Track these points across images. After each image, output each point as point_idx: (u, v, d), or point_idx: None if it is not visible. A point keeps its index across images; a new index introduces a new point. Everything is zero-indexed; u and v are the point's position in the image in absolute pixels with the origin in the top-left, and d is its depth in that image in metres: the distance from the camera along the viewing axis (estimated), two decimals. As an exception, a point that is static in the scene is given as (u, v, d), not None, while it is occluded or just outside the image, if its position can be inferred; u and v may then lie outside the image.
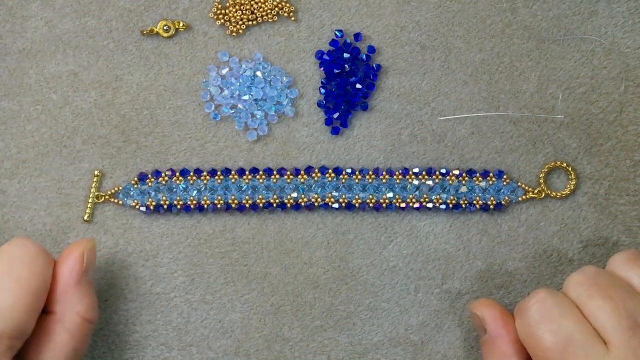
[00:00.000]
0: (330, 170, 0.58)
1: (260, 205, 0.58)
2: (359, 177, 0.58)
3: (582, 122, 0.59)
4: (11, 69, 0.58)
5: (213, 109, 0.58)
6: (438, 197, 0.58)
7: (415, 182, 0.58)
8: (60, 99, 0.58)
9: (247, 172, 0.58)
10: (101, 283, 0.58)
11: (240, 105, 0.58)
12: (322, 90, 0.59)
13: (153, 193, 0.57)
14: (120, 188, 0.57)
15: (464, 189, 0.58)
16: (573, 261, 0.59)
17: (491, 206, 0.58)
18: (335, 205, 0.58)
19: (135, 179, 0.57)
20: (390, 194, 0.58)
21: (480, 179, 0.58)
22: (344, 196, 0.58)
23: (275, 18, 0.59)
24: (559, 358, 0.47)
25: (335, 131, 0.59)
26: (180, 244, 0.58)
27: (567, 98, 0.59)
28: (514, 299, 0.59)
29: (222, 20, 0.58)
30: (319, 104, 0.59)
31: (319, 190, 0.58)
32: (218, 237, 0.58)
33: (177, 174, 0.57)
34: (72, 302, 0.49)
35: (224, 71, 0.58)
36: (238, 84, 0.58)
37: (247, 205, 0.58)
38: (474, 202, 0.58)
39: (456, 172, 0.58)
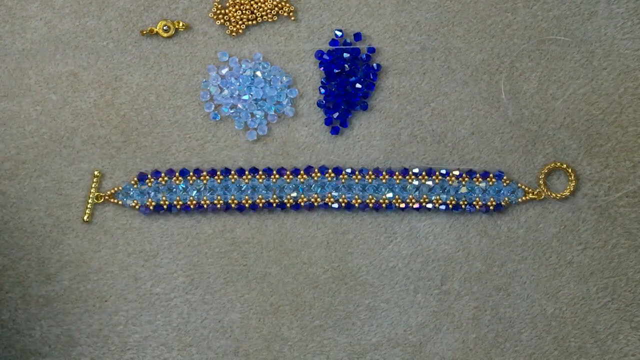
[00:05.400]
0: (330, 170, 0.58)
1: (260, 205, 0.58)
2: (359, 177, 0.58)
3: (582, 123, 0.59)
4: (11, 70, 0.58)
5: (213, 109, 0.58)
6: (438, 197, 0.58)
7: (415, 182, 0.58)
8: (59, 100, 0.58)
9: (246, 172, 0.58)
10: (101, 283, 0.58)
11: (240, 105, 0.58)
12: (322, 90, 0.58)
13: (153, 193, 0.57)
14: (120, 188, 0.57)
15: (463, 190, 0.58)
16: (572, 263, 0.59)
17: (491, 207, 0.58)
18: (335, 205, 0.58)
19: (135, 179, 0.57)
20: (390, 194, 0.58)
21: (480, 179, 0.58)
22: (343, 196, 0.58)
23: (275, 18, 0.58)
24: None
25: (335, 131, 0.59)
26: (180, 244, 0.58)
27: (567, 99, 0.59)
28: (514, 301, 0.59)
29: (222, 20, 0.58)
30: (319, 104, 0.59)
31: (319, 190, 0.58)
32: (218, 237, 0.58)
33: (177, 174, 0.57)
34: None
35: (224, 71, 0.58)
36: (238, 83, 0.58)
37: (246, 205, 0.58)
38: (474, 203, 0.58)
39: (456, 172, 0.58)
